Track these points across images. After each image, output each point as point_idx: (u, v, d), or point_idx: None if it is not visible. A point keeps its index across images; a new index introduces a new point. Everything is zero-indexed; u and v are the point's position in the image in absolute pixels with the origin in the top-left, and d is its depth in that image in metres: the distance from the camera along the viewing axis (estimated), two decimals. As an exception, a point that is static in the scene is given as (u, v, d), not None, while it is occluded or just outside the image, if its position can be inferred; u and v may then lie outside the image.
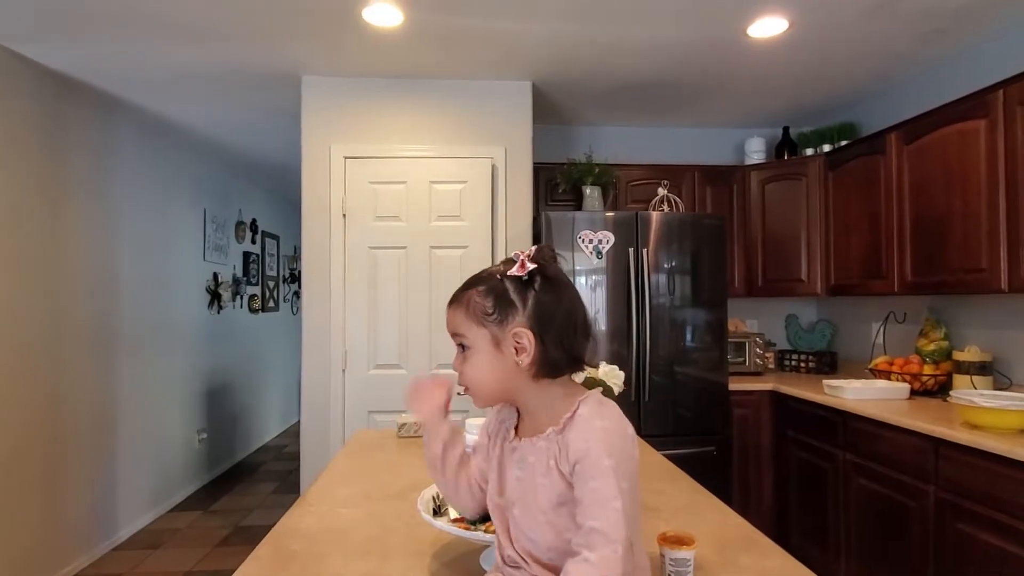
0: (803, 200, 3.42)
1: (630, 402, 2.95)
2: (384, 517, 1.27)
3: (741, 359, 3.46)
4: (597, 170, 3.32)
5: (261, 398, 5.93)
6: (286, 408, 6.67)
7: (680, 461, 1.98)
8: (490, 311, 0.80)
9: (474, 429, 1.46)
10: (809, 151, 3.53)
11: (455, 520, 1.02)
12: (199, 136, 4.05)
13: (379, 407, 3.00)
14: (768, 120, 3.79)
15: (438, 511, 1.07)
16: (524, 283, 0.80)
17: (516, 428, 0.87)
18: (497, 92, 3.15)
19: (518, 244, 3.11)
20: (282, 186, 5.64)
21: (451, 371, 0.88)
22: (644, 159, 3.75)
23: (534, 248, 0.83)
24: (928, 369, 2.73)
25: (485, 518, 0.96)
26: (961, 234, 2.43)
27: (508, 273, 0.81)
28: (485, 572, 0.99)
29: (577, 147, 3.79)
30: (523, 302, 0.80)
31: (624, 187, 3.54)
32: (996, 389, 2.47)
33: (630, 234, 3.00)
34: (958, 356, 2.64)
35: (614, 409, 0.79)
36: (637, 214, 3.03)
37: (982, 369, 2.56)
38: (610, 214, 3.04)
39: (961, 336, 2.80)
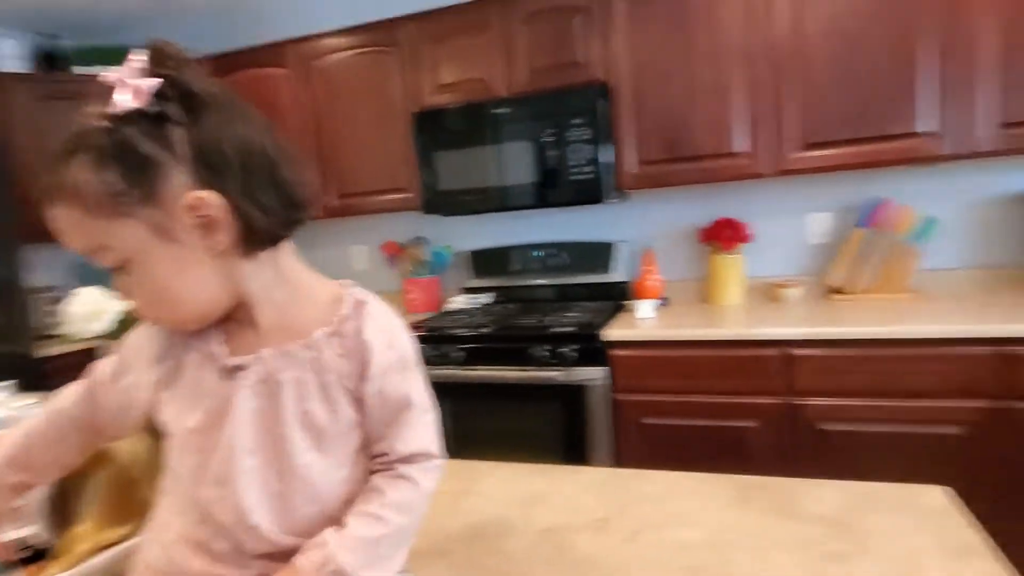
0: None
1: None
2: None
3: None
4: None
5: None
6: None
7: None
8: (122, 190, 0.49)
9: None
10: (83, 69, 3.05)
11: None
12: None
13: None
14: (19, 21, 3.01)
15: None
16: (155, 119, 0.49)
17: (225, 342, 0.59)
18: None
19: None
20: None
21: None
22: None
23: (146, 51, 0.51)
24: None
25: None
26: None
27: (117, 112, 0.49)
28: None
29: None
30: (171, 150, 0.50)
31: None
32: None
33: None
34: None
35: None
36: None
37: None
38: None
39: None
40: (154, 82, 0.49)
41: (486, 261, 2.75)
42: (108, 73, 0.50)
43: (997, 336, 1.71)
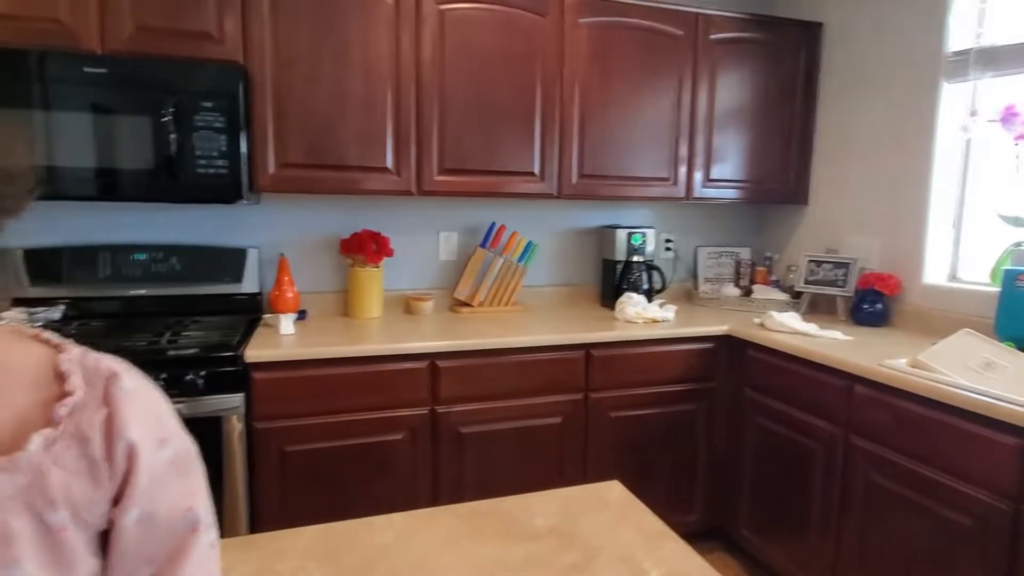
0: None
1: None
2: None
3: None
4: None
5: None
6: None
7: None
8: None
9: None
10: None
11: None
12: None
13: None
14: None
15: None
16: None
17: None
18: None
19: None
20: None
21: None
22: None
23: None
24: None
25: None
26: None
27: None
28: None
29: None
30: None
31: None
32: None
33: None
34: None
35: None
36: None
37: None
38: None
39: None
40: None
41: (52, 264, 2.08)
42: None
43: (581, 342, 2.14)
